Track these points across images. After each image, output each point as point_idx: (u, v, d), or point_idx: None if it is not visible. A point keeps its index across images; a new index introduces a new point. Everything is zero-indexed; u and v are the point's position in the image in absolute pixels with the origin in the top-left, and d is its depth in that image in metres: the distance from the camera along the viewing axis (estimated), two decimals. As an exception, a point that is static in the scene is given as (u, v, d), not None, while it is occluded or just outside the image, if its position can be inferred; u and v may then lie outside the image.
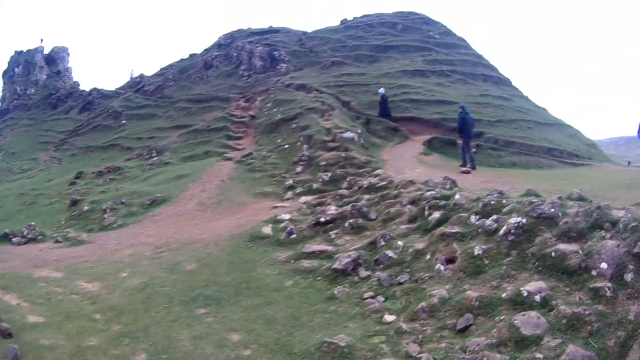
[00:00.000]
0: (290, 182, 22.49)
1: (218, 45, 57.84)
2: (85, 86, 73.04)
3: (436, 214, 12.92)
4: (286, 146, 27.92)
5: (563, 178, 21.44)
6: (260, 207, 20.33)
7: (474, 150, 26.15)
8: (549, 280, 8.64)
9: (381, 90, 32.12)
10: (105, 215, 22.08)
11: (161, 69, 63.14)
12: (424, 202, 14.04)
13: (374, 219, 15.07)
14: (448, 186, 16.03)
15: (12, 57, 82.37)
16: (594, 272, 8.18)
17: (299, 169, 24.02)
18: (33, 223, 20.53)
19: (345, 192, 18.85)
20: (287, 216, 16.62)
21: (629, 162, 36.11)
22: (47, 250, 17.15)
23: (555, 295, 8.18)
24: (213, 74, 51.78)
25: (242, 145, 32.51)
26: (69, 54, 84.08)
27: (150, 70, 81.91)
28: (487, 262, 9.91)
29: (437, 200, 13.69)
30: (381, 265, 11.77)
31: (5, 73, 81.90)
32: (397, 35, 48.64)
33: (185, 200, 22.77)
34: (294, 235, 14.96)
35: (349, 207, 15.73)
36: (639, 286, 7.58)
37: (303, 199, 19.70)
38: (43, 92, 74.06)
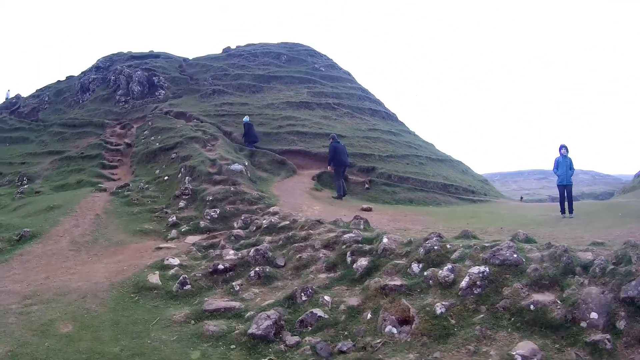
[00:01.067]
0: (174, 218, 19.48)
1: (96, 68, 54.27)
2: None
3: (362, 261, 11.00)
4: (166, 178, 25.18)
5: (471, 216, 20.93)
6: (141, 247, 17.68)
7: (366, 186, 26.24)
8: (533, 338, 7.54)
9: (245, 119, 31.45)
10: None
11: (37, 90, 58.37)
12: (344, 247, 12.17)
13: (283, 266, 12.70)
14: (362, 227, 14.36)
15: None
16: (583, 324, 7.51)
17: (181, 203, 21.23)
18: None
19: (240, 232, 16.15)
20: (175, 261, 13.93)
21: (522, 197, 36.63)
22: None
23: (548, 356, 7.16)
24: (89, 98, 48.28)
25: (118, 175, 29.67)
26: None
27: (28, 91, 77.10)
28: (453, 321, 8.23)
29: (360, 245, 11.87)
30: (309, 328, 9.36)
31: None
32: (282, 66, 47.21)
33: (57, 237, 19.37)
34: (188, 286, 12.19)
35: (251, 252, 13.20)
36: (634, 333, 7.17)
37: (190, 238, 17.15)
38: None
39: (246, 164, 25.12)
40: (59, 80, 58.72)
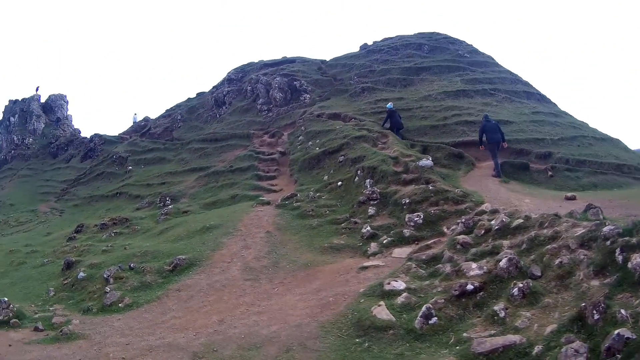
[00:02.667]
0: (368, 229, 17.13)
1: (228, 80, 54.02)
2: (87, 133, 69.97)
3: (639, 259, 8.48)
4: (339, 183, 23.21)
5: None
6: (339, 268, 14.88)
7: (549, 173, 24.09)
8: None
9: (389, 105, 30.43)
10: (108, 288, 16.31)
11: (167, 110, 59.73)
12: (608, 243, 9.51)
13: (540, 276, 10.18)
14: (601, 217, 11.82)
15: (6, 106, 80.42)
16: None
17: (371, 210, 18.89)
18: (6, 299, 15.23)
19: (466, 238, 13.25)
20: (400, 284, 11.35)
21: None
22: (19, 347, 12.32)
23: None
24: (227, 111, 48.07)
25: (278, 186, 28.14)
26: (67, 102, 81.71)
27: (154, 112, 78.80)
28: None
29: (626, 238, 9.27)
30: (618, 356, 6.95)
31: (0, 123, 79.38)
32: (426, 56, 44.94)
33: (223, 263, 16.94)
34: (435, 319, 9.61)
35: (502, 263, 10.60)
36: None
37: (397, 252, 14.92)
38: (42, 141, 71.49)
39: (430, 158, 22.67)
40: (189, 98, 59.53)
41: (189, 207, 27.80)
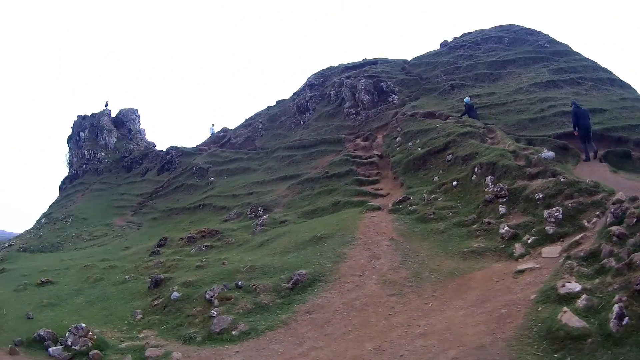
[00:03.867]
0: (506, 229, 16.27)
1: (309, 86, 54.02)
2: (160, 146, 70.92)
3: None
4: (454, 183, 22.47)
5: None
6: (491, 274, 13.64)
7: None
8: None
9: (466, 99, 31.45)
10: (214, 312, 14.41)
11: (246, 120, 60.28)
12: None
13: None
14: None
15: (75, 122, 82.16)
16: None
17: (502, 209, 17.99)
18: (83, 324, 13.68)
19: (620, 229, 12.00)
20: (575, 286, 10.38)
21: None
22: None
23: None
24: (311, 117, 48.02)
25: (384, 190, 27.31)
26: (139, 116, 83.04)
27: (230, 123, 79.54)
28: None
29: None
30: None
31: (70, 138, 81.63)
32: (508, 49, 44.50)
33: (354, 277, 15.34)
34: (627, 319, 8.63)
35: None
36: None
37: (547, 251, 13.98)
38: (114, 155, 72.71)
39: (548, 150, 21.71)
40: (269, 106, 59.85)
41: (285, 217, 27.12)
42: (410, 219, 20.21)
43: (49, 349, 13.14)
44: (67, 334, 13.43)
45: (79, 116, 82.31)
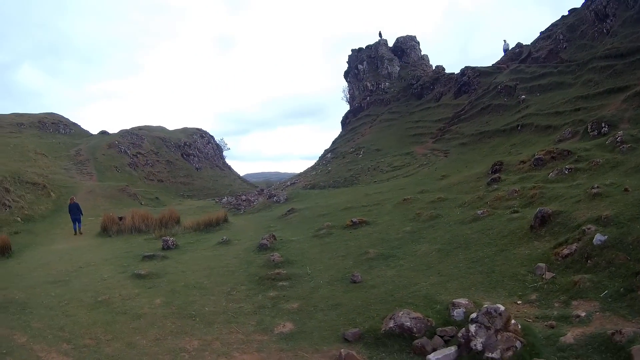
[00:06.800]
0: None
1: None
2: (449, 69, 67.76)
3: None
4: None
5: None
6: None
7: None
8: None
9: None
10: None
11: (541, 33, 55.76)
12: None
13: None
14: None
15: (350, 56, 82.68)
16: None
17: None
18: (500, 306, 8.20)
19: None
20: None
21: None
22: None
23: None
24: (615, 23, 41.75)
25: None
26: (418, 42, 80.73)
27: (511, 39, 74.58)
28: None
29: None
30: None
31: (347, 72, 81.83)
32: None
33: None
34: None
35: None
36: None
37: None
38: (400, 84, 71.74)
39: None
40: (563, 16, 54.59)
41: (643, 132, 22.15)
42: None
43: (431, 357, 8.28)
44: (455, 317, 9.35)
45: (352, 50, 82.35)
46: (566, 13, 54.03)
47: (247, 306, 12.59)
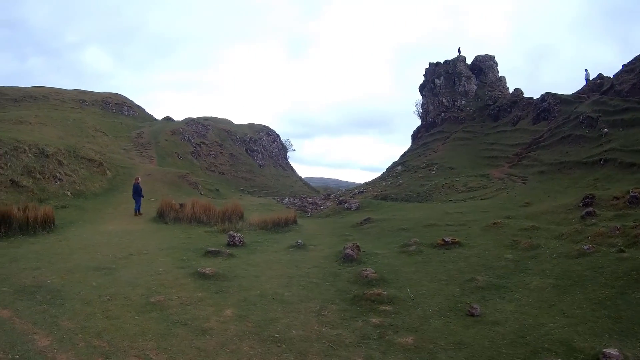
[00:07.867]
0: None
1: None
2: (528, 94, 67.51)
3: None
4: None
5: None
6: None
7: None
8: None
9: None
10: None
11: (624, 66, 54.84)
12: None
13: None
14: None
15: (427, 69, 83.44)
16: None
17: None
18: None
19: None
20: None
21: None
22: None
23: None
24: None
25: None
26: (496, 63, 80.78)
27: (593, 69, 74.14)
28: None
29: None
30: None
31: (423, 86, 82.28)
32: None
33: None
34: None
35: None
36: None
37: None
38: (477, 103, 71.93)
39: None
40: (640, 54, 53.14)
41: None
42: None
43: None
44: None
45: (430, 64, 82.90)
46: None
47: (347, 334, 10.75)
